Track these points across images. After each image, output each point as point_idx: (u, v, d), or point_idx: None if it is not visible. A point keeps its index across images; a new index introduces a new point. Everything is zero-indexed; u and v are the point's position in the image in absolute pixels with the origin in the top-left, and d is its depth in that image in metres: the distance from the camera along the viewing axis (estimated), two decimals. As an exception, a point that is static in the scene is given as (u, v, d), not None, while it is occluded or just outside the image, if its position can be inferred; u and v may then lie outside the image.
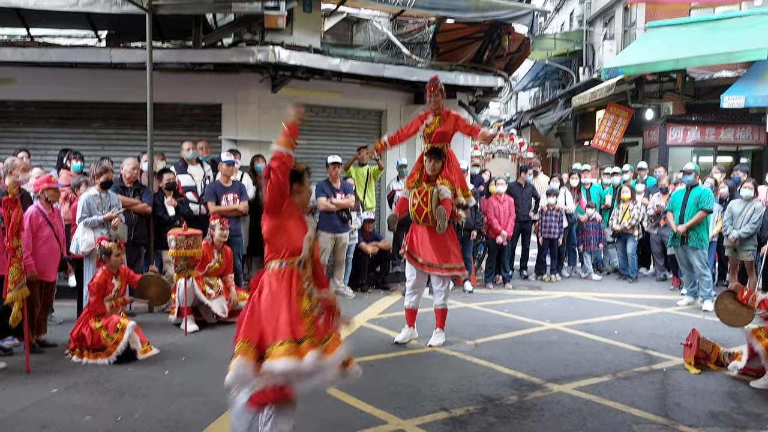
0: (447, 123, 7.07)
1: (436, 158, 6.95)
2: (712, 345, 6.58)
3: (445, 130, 7.08)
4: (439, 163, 6.96)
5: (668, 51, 15.12)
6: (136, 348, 6.54)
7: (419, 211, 6.78)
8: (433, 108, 7.13)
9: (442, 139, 7.11)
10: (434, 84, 7.15)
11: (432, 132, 7.08)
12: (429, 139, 7.13)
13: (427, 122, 7.11)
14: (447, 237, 6.99)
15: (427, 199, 6.84)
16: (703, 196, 9.55)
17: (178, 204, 8.77)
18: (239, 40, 10.36)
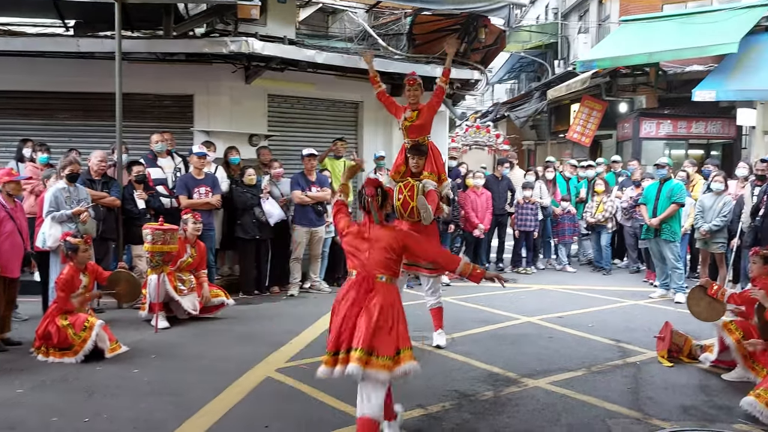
0: (424, 116, 7.01)
1: (419, 155, 6.89)
2: (684, 338, 6.62)
3: (423, 123, 7.02)
4: (423, 160, 6.90)
5: (642, 45, 15.19)
6: (104, 346, 6.39)
7: (405, 205, 6.68)
8: (411, 102, 7.06)
9: (421, 132, 7.04)
10: (413, 78, 7.07)
11: (411, 126, 7.02)
12: (408, 132, 7.07)
13: (406, 116, 7.04)
14: (431, 234, 6.89)
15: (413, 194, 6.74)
16: (675, 189, 9.62)
17: (148, 197, 8.61)
18: (212, 30, 10.18)
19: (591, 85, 17.43)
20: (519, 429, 4.83)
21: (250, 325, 7.87)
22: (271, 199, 9.55)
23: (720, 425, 4.94)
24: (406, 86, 7.09)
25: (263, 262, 9.73)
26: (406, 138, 7.11)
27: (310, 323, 7.90)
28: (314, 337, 7.31)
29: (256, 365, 6.21)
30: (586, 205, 12.39)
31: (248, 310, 8.68)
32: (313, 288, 10.00)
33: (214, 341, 7.13)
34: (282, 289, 9.86)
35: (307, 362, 6.35)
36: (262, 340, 7.12)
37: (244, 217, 9.35)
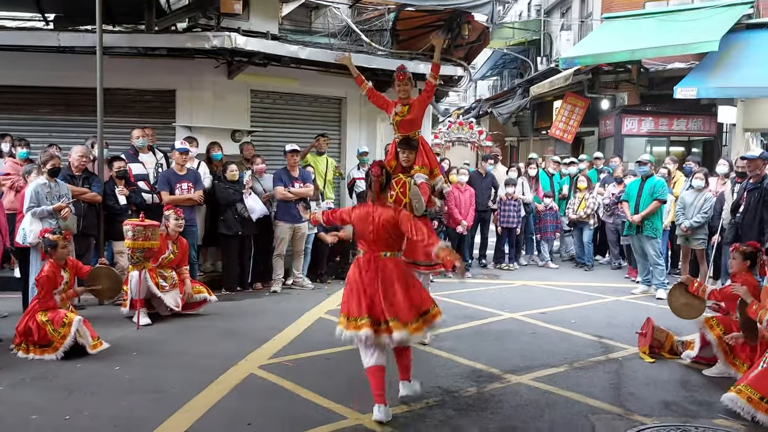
0: (415, 110, 6.94)
1: (410, 149, 6.81)
2: (666, 334, 6.67)
3: (414, 118, 6.95)
4: (413, 154, 6.82)
5: (624, 42, 15.26)
6: (85, 343, 6.32)
7: (398, 201, 6.66)
8: (402, 97, 6.97)
9: (412, 126, 6.97)
10: (403, 72, 6.97)
11: (401, 120, 6.97)
12: (398, 128, 7.02)
13: (396, 111, 6.97)
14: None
15: (405, 190, 6.72)
16: (657, 186, 9.69)
17: (129, 193, 8.53)
18: (194, 25, 10.10)
19: (573, 82, 17.50)
20: (502, 425, 4.84)
21: (233, 321, 7.83)
22: (253, 194, 9.50)
23: (701, 420, 4.98)
24: (396, 81, 6.98)
25: (246, 259, 9.68)
26: (397, 133, 7.06)
27: (294, 320, 7.87)
28: (297, 334, 7.29)
29: (239, 362, 6.18)
30: (568, 201, 12.45)
31: (231, 306, 8.64)
32: (296, 284, 9.96)
33: (196, 338, 7.09)
34: (265, 286, 9.82)
35: (290, 359, 6.33)
36: (245, 336, 7.08)
37: (226, 212, 9.30)
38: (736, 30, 14.47)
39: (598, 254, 13.03)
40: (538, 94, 20.06)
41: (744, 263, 6.13)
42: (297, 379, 5.71)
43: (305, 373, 5.92)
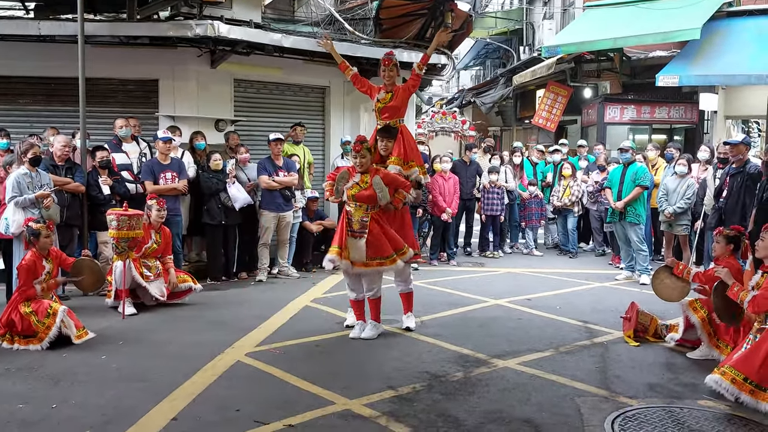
0: (399, 97, 6.91)
1: (388, 137, 6.80)
2: (650, 318, 6.73)
3: (397, 105, 6.91)
4: (392, 142, 6.80)
5: (606, 31, 15.30)
6: (70, 333, 6.27)
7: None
8: (387, 83, 6.95)
9: (394, 114, 6.94)
10: (389, 58, 6.97)
11: (384, 107, 6.93)
12: (381, 114, 6.97)
13: (379, 97, 6.94)
14: (397, 220, 6.84)
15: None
16: (639, 172, 9.76)
17: (113, 183, 8.45)
18: (176, 14, 9.99)
19: (556, 71, 17.56)
20: (489, 408, 4.86)
21: (219, 310, 7.80)
22: (237, 183, 9.46)
23: (686, 402, 5.03)
24: (382, 66, 6.96)
25: (231, 248, 9.65)
26: (379, 119, 7.03)
27: (279, 308, 7.86)
28: (283, 322, 7.28)
29: (225, 350, 6.16)
30: (552, 189, 12.50)
31: (216, 296, 8.60)
32: (282, 273, 9.94)
33: (182, 327, 7.06)
34: (250, 275, 9.79)
35: (277, 346, 6.32)
36: (231, 325, 7.06)
37: (210, 202, 9.25)
38: (717, 18, 14.55)
39: (582, 241, 13.11)
40: (521, 83, 20.11)
41: (727, 247, 6.18)
42: (284, 366, 5.70)
43: (292, 360, 5.91)
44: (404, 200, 6.79)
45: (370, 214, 6.50)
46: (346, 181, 6.52)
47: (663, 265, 6.89)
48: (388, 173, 6.62)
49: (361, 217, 6.50)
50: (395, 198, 6.62)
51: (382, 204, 6.51)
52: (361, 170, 6.53)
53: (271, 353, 6.12)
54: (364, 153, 6.49)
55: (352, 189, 6.51)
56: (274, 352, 6.16)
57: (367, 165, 6.52)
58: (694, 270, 6.59)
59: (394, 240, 6.62)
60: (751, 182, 8.27)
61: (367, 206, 6.49)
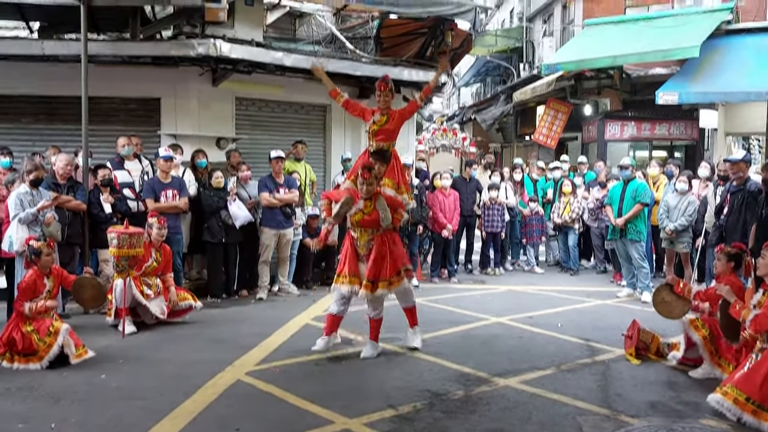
0: (394, 121, 6.94)
1: (381, 161, 6.80)
2: (651, 336, 6.71)
3: (391, 129, 6.94)
4: (384, 167, 6.80)
5: (606, 48, 15.41)
6: (69, 352, 6.26)
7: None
8: (382, 107, 6.97)
9: (389, 137, 6.95)
10: (385, 83, 6.98)
11: (378, 130, 6.94)
12: (374, 136, 6.97)
13: (375, 119, 6.94)
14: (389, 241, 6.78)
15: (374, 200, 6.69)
16: (639, 189, 9.77)
17: (114, 201, 8.47)
18: (179, 33, 10.08)
19: (556, 88, 17.62)
20: (491, 427, 4.84)
21: (219, 328, 7.79)
22: (238, 201, 9.47)
23: (688, 421, 5.01)
24: (377, 91, 6.99)
25: (231, 266, 9.64)
26: (372, 141, 7.04)
27: (280, 326, 7.85)
28: (284, 340, 7.26)
29: (226, 368, 6.15)
30: (553, 206, 12.50)
31: (217, 314, 8.59)
32: (282, 291, 9.93)
33: (182, 345, 7.04)
34: (250, 293, 9.77)
35: (277, 365, 6.31)
36: (232, 343, 7.05)
37: (210, 220, 9.26)
38: (716, 36, 14.67)
39: (583, 258, 13.10)
40: (521, 100, 20.18)
41: (728, 264, 6.18)
42: (284, 385, 5.69)
43: (293, 379, 5.90)
44: (401, 220, 6.84)
45: (376, 237, 6.58)
46: (349, 207, 6.50)
47: (663, 282, 6.87)
48: (389, 195, 6.68)
49: (368, 241, 6.59)
50: (394, 218, 6.63)
51: (384, 225, 6.53)
52: (366, 196, 6.52)
53: (272, 372, 6.11)
54: (372, 180, 6.48)
55: (355, 215, 6.53)
56: (275, 370, 6.15)
57: (372, 192, 6.52)
58: (695, 288, 6.58)
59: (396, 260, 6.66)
60: (751, 199, 8.27)
61: (371, 230, 6.57)
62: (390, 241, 6.70)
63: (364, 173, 6.45)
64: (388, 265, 6.56)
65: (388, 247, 6.61)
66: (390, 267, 6.57)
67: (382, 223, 6.50)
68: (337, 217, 6.58)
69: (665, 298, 6.69)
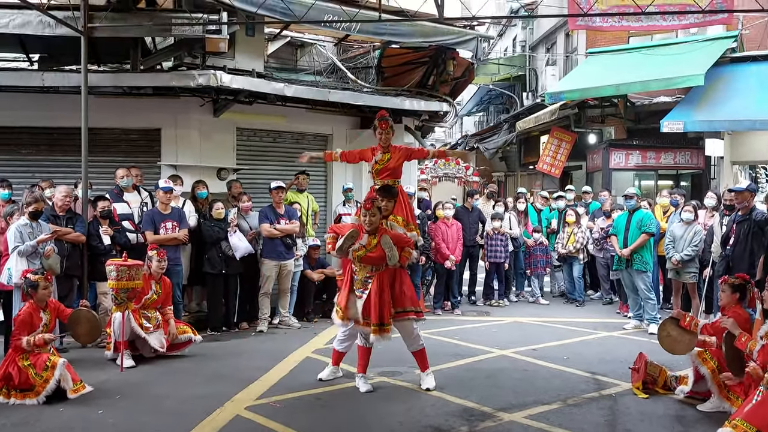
0: (397, 159, 7.00)
1: (389, 197, 6.82)
2: (659, 369, 6.69)
3: (395, 167, 7.01)
4: (392, 203, 6.83)
5: (609, 77, 15.54)
6: (66, 387, 6.25)
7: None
8: (383, 145, 7.03)
9: (392, 175, 7.02)
10: (385, 120, 7.04)
11: (382, 168, 7.00)
12: (378, 175, 7.03)
13: (377, 158, 7.00)
14: (398, 278, 6.76)
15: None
16: (645, 219, 9.80)
17: (114, 233, 8.53)
18: (179, 64, 10.23)
19: (560, 117, 17.74)
20: (495, 464, 4.82)
21: (219, 362, 7.78)
22: (238, 232, 9.51)
23: (696, 456, 4.99)
24: (378, 128, 7.05)
25: (231, 298, 9.65)
26: (377, 180, 7.09)
27: (280, 359, 7.83)
28: (284, 374, 7.25)
29: (225, 403, 6.13)
30: (557, 236, 12.52)
31: (216, 347, 8.58)
32: (283, 323, 9.92)
33: (181, 380, 7.03)
34: (251, 325, 9.77)
35: (277, 399, 6.29)
36: (231, 377, 7.03)
37: (210, 251, 9.29)
38: (721, 64, 14.81)
39: (589, 289, 13.08)
40: (525, 129, 20.30)
41: (733, 296, 6.18)
42: (285, 420, 5.67)
43: (293, 414, 5.89)
44: (409, 258, 6.80)
45: (375, 274, 6.52)
46: (353, 242, 6.48)
47: (669, 316, 6.86)
48: (396, 233, 6.65)
49: (365, 277, 6.55)
50: (402, 256, 6.59)
51: (390, 264, 6.49)
52: (369, 229, 6.50)
53: (271, 407, 6.09)
54: (374, 212, 6.47)
55: (358, 251, 6.50)
56: (275, 405, 6.14)
57: (375, 224, 6.49)
58: (702, 322, 6.55)
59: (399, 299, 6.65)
60: (758, 229, 8.29)
61: (371, 267, 6.54)
62: (398, 279, 6.69)
63: (366, 204, 6.48)
64: (381, 308, 6.46)
65: (382, 288, 6.50)
66: (381, 311, 6.47)
67: (388, 262, 6.46)
68: (341, 251, 6.53)
69: (670, 333, 6.66)
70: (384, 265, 6.51)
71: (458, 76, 13.61)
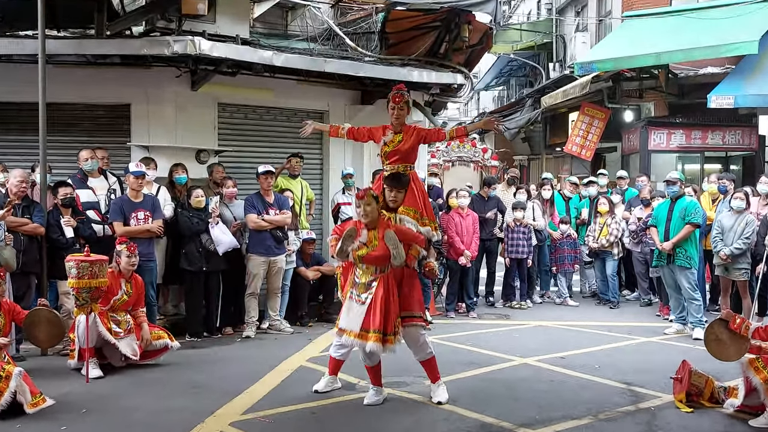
0: (411, 140, 6.90)
1: (398, 187, 6.72)
2: (705, 379, 6.68)
3: (406, 149, 6.91)
4: (402, 193, 6.74)
5: (648, 44, 15.49)
6: (24, 400, 6.25)
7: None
8: (395, 123, 6.94)
9: (405, 159, 6.94)
10: (401, 94, 6.94)
11: (391, 151, 6.93)
12: (388, 158, 6.96)
13: (386, 139, 6.92)
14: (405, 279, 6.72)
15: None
16: (689, 208, 9.77)
17: (77, 224, 8.54)
18: (152, 29, 10.17)
19: (591, 91, 17.70)
20: (516, 487, 4.83)
21: (199, 372, 7.81)
22: (221, 223, 9.51)
23: (747, 478, 4.99)
24: (391, 102, 6.95)
25: (213, 299, 9.67)
26: (386, 164, 7.04)
27: (270, 369, 7.86)
28: (274, 385, 7.27)
29: (206, 419, 6.14)
30: (588, 228, 12.51)
31: (196, 354, 8.61)
32: (272, 328, 9.94)
33: (156, 392, 7.05)
34: (236, 330, 9.80)
35: (267, 414, 6.31)
36: (214, 389, 7.06)
37: (189, 245, 9.30)
38: (778, 28, 14.73)
39: (624, 289, 13.08)
40: (551, 105, 20.28)
41: (792, 295, 6.18)
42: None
43: (284, 430, 5.90)
44: (418, 257, 6.72)
45: (380, 277, 6.46)
46: (352, 241, 6.45)
47: (717, 318, 6.85)
48: (401, 228, 6.59)
49: (369, 281, 6.49)
50: (409, 255, 6.53)
51: (395, 264, 6.43)
52: (367, 220, 6.44)
53: (260, 422, 6.11)
54: (369, 201, 6.40)
55: (359, 250, 6.46)
56: (263, 421, 6.15)
57: (373, 215, 6.41)
58: (754, 324, 6.53)
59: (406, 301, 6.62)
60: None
61: (375, 268, 6.50)
62: (406, 280, 6.65)
63: (358, 193, 6.45)
64: (386, 316, 6.38)
65: (389, 293, 6.42)
66: (386, 319, 6.39)
67: (393, 262, 6.40)
68: (341, 253, 6.51)
69: (719, 337, 6.64)
70: (389, 266, 6.46)
71: (474, 44, 13.55)
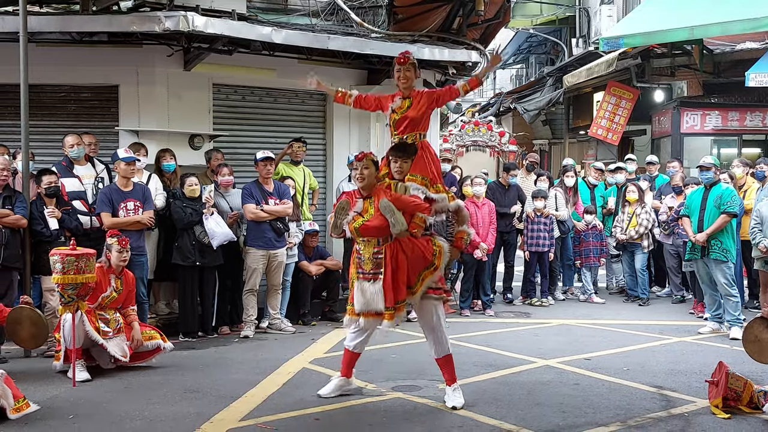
0: (419, 106, 6.85)
1: (403, 157, 6.71)
2: (743, 382, 6.67)
3: (416, 116, 6.85)
4: (407, 163, 6.71)
5: (681, 17, 15.38)
6: (6, 405, 6.30)
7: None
8: (402, 87, 6.91)
9: (414, 126, 6.86)
10: (405, 56, 6.94)
11: (400, 118, 6.87)
12: (396, 128, 6.91)
13: (394, 106, 6.88)
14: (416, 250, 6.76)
15: None
16: (725, 196, 9.73)
17: (62, 215, 8.56)
18: (141, 4, 10.16)
19: (618, 69, 17.62)
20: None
21: (194, 375, 7.83)
22: (216, 215, 9.51)
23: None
24: (396, 65, 6.92)
25: (209, 296, 9.69)
26: (394, 134, 6.98)
27: (270, 371, 7.88)
28: (275, 389, 7.29)
29: (202, 425, 6.17)
30: (615, 218, 12.48)
31: (190, 356, 8.65)
32: (273, 327, 9.97)
33: (148, 396, 7.08)
34: (233, 330, 9.83)
35: (266, 420, 6.33)
36: (210, 393, 7.10)
37: (182, 238, 9.32)
38: (824, -1, 14.62)
39: (655, 285, 13.06)
40: (574, 84, 20.19)
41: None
42: None
43: (287, 439, 5.93)
44: (424, 225, 6.66)
45: (385, 247, 6.52)
46: (345, 213, 6.50)
47: (758, 316, 6.84)
48: (399, 196, 6.54)
49: (373, 254, 6.52)
50: (411, 223, 6.53)
51: (395, 233, 6.43)
52: (362, 184, 6.58)
53: (260, 429, 6.13)
54: (368, 163, 6.60)
55: (354, 221, 6.51)
56: (263, 427, 6.17)
57: (370, 180, 6.55)
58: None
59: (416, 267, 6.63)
60: None
61: (378, 239, 6.54)
62: (416, 246, 6.59)
63: (359, 155, 6.64)
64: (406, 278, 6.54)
65: (402, 260, 6.50)
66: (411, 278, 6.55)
67: (392, 230, 6.40)
68: (335, 229, 6.61)
69: (759, 336, 6.65)
70: (390, 236, 6.50)
71: (490, 18, 13.52)
